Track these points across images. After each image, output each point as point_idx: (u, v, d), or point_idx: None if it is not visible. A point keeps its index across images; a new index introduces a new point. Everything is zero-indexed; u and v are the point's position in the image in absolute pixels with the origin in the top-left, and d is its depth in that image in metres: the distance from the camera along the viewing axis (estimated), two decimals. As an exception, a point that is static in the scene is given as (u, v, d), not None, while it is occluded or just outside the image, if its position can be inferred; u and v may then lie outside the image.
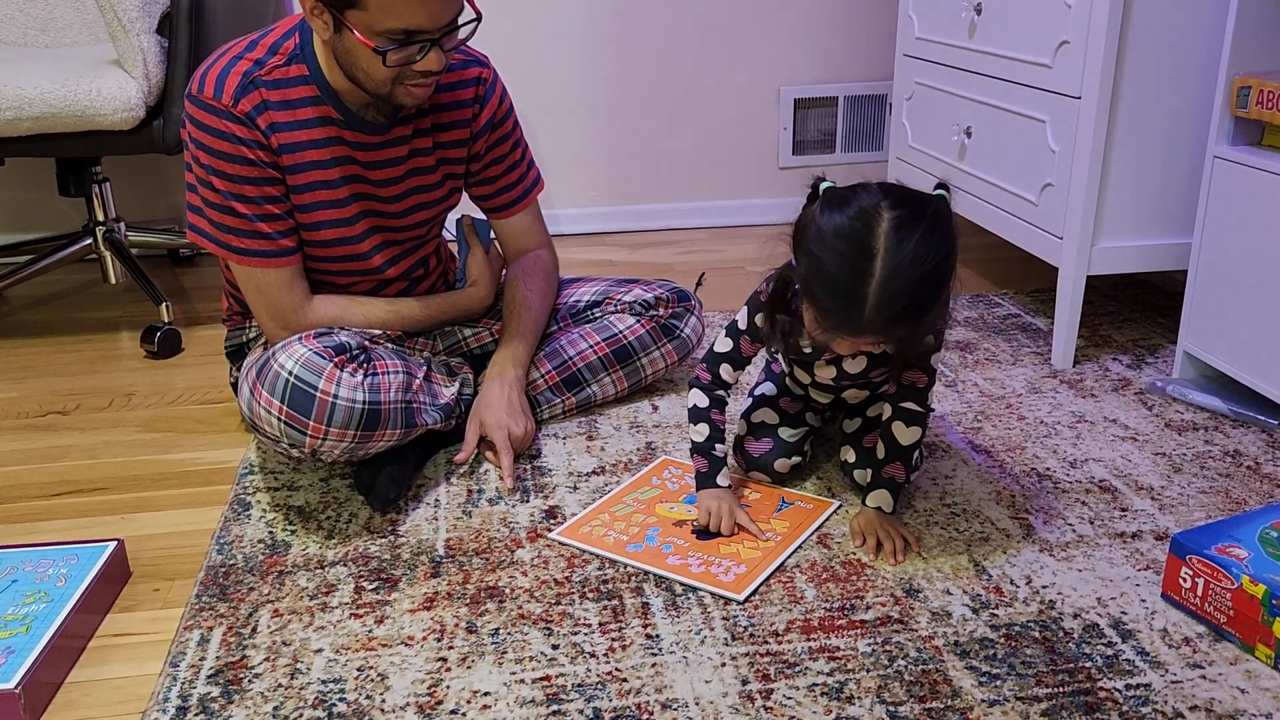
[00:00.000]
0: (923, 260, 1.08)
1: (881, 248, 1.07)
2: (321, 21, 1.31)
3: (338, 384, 1.29)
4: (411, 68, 1.31)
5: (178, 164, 2.57)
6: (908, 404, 1.30)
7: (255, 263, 1.41)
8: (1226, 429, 1.59)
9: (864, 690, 1.05)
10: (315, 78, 1.39)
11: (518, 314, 1.60)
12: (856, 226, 1.09)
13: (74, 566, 1.23)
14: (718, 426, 1.35)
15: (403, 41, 1.28)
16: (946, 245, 1.10)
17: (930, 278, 1.09)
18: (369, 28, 1.27)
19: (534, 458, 1.54)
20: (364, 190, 1.47)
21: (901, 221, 1.08)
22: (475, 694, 1.06)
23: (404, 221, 1.53)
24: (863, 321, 1.10)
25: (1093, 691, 1.05)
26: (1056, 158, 1.78)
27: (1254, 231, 1.54)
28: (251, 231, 1.40)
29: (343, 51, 1.32)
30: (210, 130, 1.36)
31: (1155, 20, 1.64)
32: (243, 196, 1.38)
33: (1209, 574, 1.13)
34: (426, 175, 1.52)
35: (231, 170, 1.36)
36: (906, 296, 1.08)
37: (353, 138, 1.43)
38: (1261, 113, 1.52)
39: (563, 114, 2.65)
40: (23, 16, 2.32)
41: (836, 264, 1.10)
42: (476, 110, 1.53)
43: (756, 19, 2.66)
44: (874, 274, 1.07)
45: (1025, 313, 2.10)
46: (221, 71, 1.36)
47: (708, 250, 2.60)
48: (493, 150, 1.58)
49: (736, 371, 1.36)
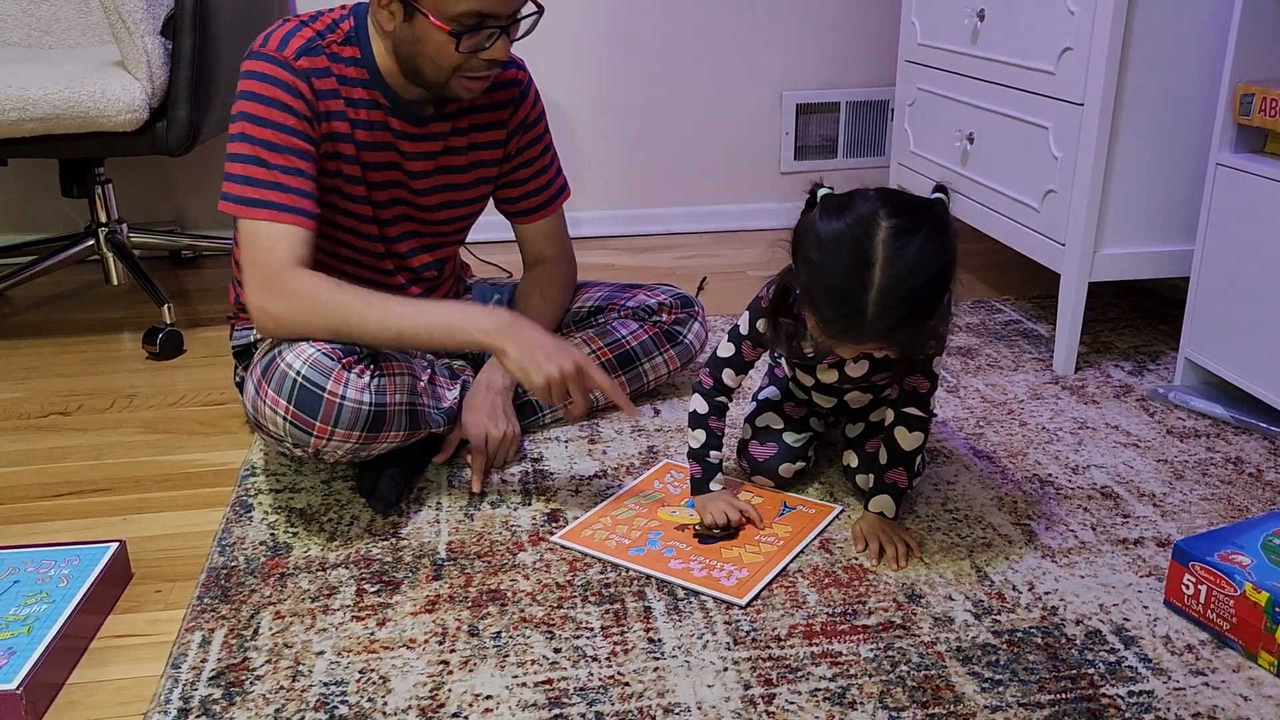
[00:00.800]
0: (923, 267, 1.08)
1: (881, 255, 1.07)
2: (388, 11, 1.33)
3: (345, 385, 1.29)
4: (479, 55, 1.33)
5: (180, 166, 2.57)
6: (910, 409, 1.30)
7: (266, 214, 1.33)
8: (1228, 436, 1.59)
9: (866, 695, 1.05)
10: (367, 62, 1.40)
11: None
12: (856, 234, 1.09)
13: (76, 567, 1.23)
14: (715, 433, 1.35)
15: (474, 26, 1.30)
16: (946, 251, 1.10)
17: (931, 284, 1.09)
18: (442, 12, 1.29)
19: (535, 461, 1.54)
20: (398, 178, 1.49)
21: (901, 228, 1.08)
22: (477, 697, 1.06)
23: (434, 216, 1.55)
24: (863, 329, 1.10)
25: (1095, 698, 1.05)
26: (1059, 164, 1.78)
27: (1256, 239, 1.55)
28: (272, 183, 1.34)
29: (410, 40, 1.34)
30: (261, 76, 1.35)
31: (1158, 27, 1.64)
32: (273, 145, 1.35)
33: (1212, 581, 1.13)
34: (458, 174, 1.54)
35: (269, 115, 1.35)
36: (908, 304, 1.08)
37: (398, 125, 1.44)
38: (1264, 120, 1.52)
39: (565, 118, 2.65)
40: (27, 18, 2.33)
41: (836, 272, 1.10)
42: (512, 111, 1.55)
43: (759, 24, 2.67)
44: (874, 282, 1.07)
45: (1027, 319, 2.10)
46: (287, 33, 1.38)
47: (709, 255, 2.60)
48: (523, 152, 1.59)
49: (739, 376, 1.37)
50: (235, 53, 2.05)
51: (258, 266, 1.34)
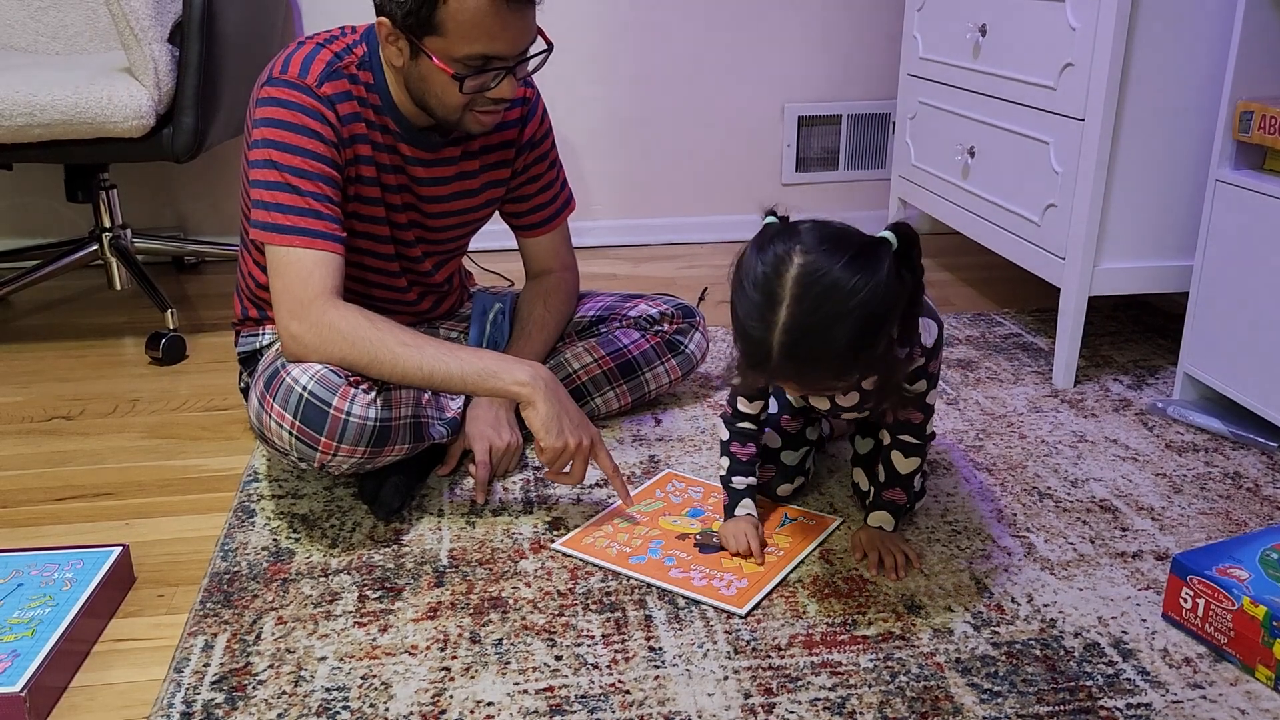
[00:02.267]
0: (831, 303, 1.03)
1: (788, 294, 1.05)
2: (396, 48, 1.33)
3: (351, 401, 1.29)
4: (485, 95, 1.33)
5: (185, 172, 2.58)
6: (904, 436, 1.31)
7: (299, 241, 1.32)
8: (1226, 450, 1.60)
9: (866, 705, 1.06)
10: (379, 88, 1.40)
11: (529, 333, 1.61)
12: (767, 272, 1.06)
13: (79, 571, 1.23)
14: (738, 459, 1.35)
15: (479, 68, 1.30)
16: (864, 285, 1.04)
17: (843, 320, 1.04)
18: (447, 54, 1.29)
19: (537, 469, 1.55)
20: (412, 200, 1.50)
21: (811, 265, 1.05)
22: (478, 704, 1.06)
23: (445, 235, 1.57)
24: (770, 369, 1.08)
25: (1093, 710, 1.05)
26: (1059, 179, 1.79)
27: (1255, 255, 1.56)
28: (304, 209, 1.33)
29: (417, 78, 1.35)
30: (286, 104, 1.34)
31: (1159, 44, 1.66)
32: (303, 171, 1.34)
33: (1210, 595, 1.13)
34: (471, 197, 1.55)
35: (297, 142, 1.34)
36: (813, 342, 1.05)
37: (409, 151, 1.45)
38: (1264, 137, 1.53)
39: (568, 128, 2.67)
40: (34, 24, 2.34)
41: (745, 309, 1.08)
42: (520, 128, 1.56)
43: (761, 36, 2.68)
44: (778, 322, 1.05)
45: (1027, 332, 2.11)
46: (307, 56, 1.37)
47: (711, 265, 2.61)
48: (530, 169, 1.60)
49: (754, 403, 1.34)
50: (242, 61, 2.06)
51: (291, 294, 1.32)
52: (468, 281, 1.81)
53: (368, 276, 1.53)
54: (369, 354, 1.31)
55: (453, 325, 1.71)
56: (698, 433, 1.67)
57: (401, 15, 1.29)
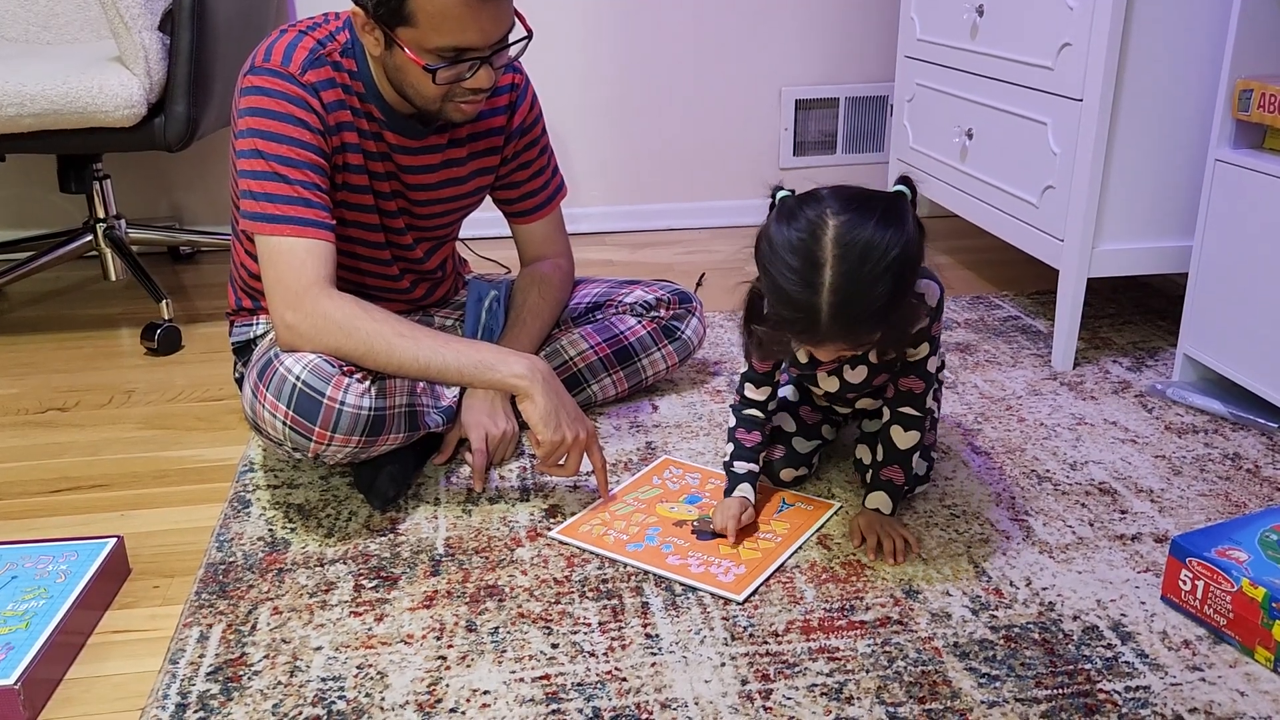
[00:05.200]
0: (873, 259, 1.07)
1: (829, 256, 1.07)
2: (373, 38, 1.32)
3: (345, 391, 1.28)
4: (461, 85, 1.32)
5: (179, 162, 2.57)
6: (905, 409, 1.30)
7: (289, 230, 1.31)
8: (1226, 432, 1.59)
9: (863, 691, 1.05)
10: (363, 76, 1.39)
11: (524, 320, 1.59)
12: (804, 238, 1.09)
13: (74, 563, 1.23)
14: (742, 445, 1.36)
15: (452, 59, 1.29)
16: (898, 240, 1.08)
17: (884, 276, 1.07)
18: (419, 45, 1.28)
19: (533, 457, 1.54)
20: (399, 188, 1.49)
21: (847, 226, 1.08)
22: (475, 692, 1.06)
23: (434, 222, 1.56)
24: (821, 331, 1.10)
25: (1092, 693, 1.05)
26: (1058, 160, 1.78)
27: (1255, 235, 1.55)
28: (294, 198, 1.32)
29: (393, 68, 1.34)
30: (269, 92, 1.33)
31: (1157, 23, 1.64)
32: (290, 160, 1.33)
33: (1209, 576, 1.13)
34: (459, 185, 1.54)
35: (283, 131, 1.33)
36: (861, 299, 1.08)
37: (394, 139, 1.44)
38: (1263, 116, 1.52)
39: (563, 114, 2.65)
40: (25, 13, 2.32)
41: (788, 278, 1.09)
42: (509, 115, 1.54)
43: (758, 19, 2.66)
44: (825, 282, 1.07)
45: (1025, 315, 2.10)
46: (289, 44, 1.36)
47: (708, 250, 2.60)
48: (520, 155, 1.59)
49: (762, 388, 1.36)
50: (233, 49, 2.05)
51: (284, 284, 1.31)
52: (461, 268, 1.80)
53: (360, 265, 1.52)
54: (365, 344, 1.30)
55: (447, 313, 1.70)
56: (695, 419, 1.66)
57: (373, 6, 1.28)
